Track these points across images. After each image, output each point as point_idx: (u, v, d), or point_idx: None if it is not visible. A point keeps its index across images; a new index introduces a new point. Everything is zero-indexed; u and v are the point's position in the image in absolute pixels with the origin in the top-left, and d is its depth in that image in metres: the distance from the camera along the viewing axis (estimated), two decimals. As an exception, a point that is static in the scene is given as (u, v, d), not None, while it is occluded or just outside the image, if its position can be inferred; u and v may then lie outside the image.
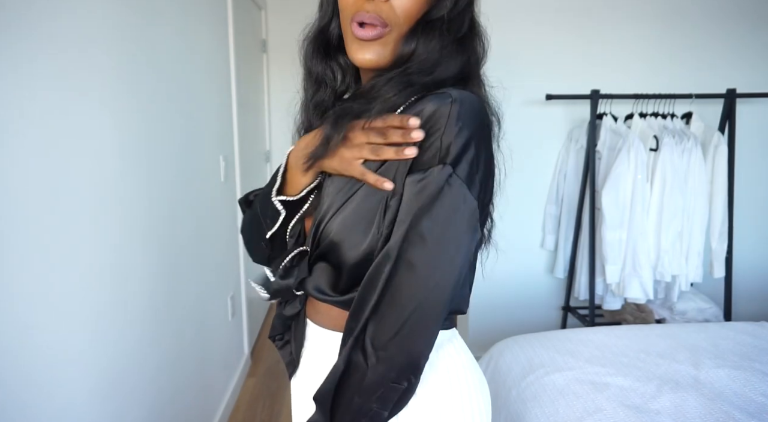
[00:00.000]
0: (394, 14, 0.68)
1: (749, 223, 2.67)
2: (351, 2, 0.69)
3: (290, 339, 0.85)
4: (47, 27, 0.99)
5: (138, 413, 1.38)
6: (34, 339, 0.95)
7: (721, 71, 2.50)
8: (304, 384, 0.83)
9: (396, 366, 0.65)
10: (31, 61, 0.94)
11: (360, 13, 0.67)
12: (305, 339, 0.82)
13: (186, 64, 1.78)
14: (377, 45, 0.69)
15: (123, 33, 1.30)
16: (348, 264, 0.69)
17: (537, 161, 2.56)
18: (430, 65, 0.69)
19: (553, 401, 1.44)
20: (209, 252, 2.04)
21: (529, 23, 2.41)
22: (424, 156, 0.65)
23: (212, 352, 2.07)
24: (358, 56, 0.71)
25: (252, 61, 2.98)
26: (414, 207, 0.64)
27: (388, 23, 0.68)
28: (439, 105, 0.65)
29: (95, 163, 1.16)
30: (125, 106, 1.31)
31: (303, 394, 0.83)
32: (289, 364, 0.85)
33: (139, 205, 1.39)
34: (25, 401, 0.93)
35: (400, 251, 0.64)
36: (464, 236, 0.65)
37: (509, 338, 1.87)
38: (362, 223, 0.68)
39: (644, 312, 2.45)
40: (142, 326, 1.41)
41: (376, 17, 0.67)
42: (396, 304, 0.64)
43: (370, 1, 0.67)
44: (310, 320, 0.81)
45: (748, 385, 1.50)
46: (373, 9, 0.67)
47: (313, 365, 0.80)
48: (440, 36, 0.70)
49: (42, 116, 0.97)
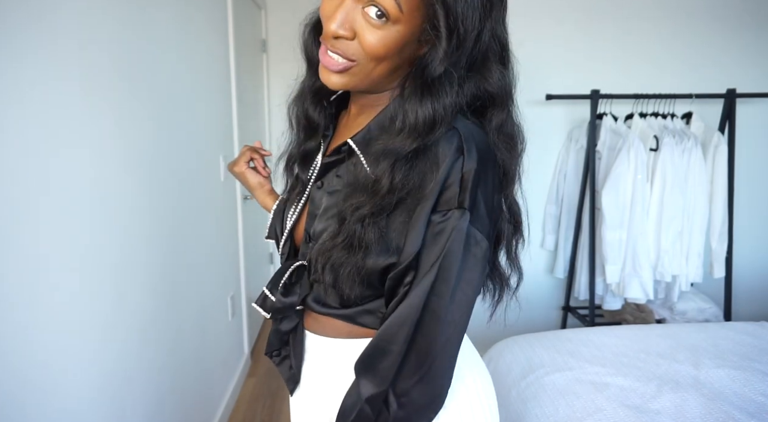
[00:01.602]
0: (361, 53, 0.65)
1: (749, 223, 2.67)
2: (326, 29, 0.65)
3: (289, 354, 0.84)
4: (45, 26, 0.99)
5: (138, 413, 1.38)
6: (34, 340, 0.95)
7: (721, 71, 2.50)
8: (307, 397, 0.82)
9: (419, 409, 0.66)
10: (31, 60, 0.94)
11: (330, 42, 0.66)
12: (305, 351, 0.82)
13: (186, 64, 1.78)
14: (345, 75, 0.67)
15: (122, 33, 1.30)
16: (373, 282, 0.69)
17: (537, 161, 2.56)
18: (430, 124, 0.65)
19: (553, 401, 1.44)
20: (209, 252, 2.04)
21: (529, 23, 2.41)
22: (443, 197, 0.65)
23: (212, 352, 2.07)
24: (324, 78, 0.69)
25: (252, 61, 2.98)
26: (436, 253, 0.64)
27: (354, 59, 0.66)
28: (449, 147, 0.65)
29: (95, 163, 1.16)
30: (125, 106, 1.31)
31: (307, 408, 0.82)
32: (289, 380, 0.84)
33: (139, 205, 1.39)
34: (25, 401, 0.93)
35: (426, 302, 0.64)
36: (479, 276, 0.67)
37: (509, 338, 1.87)
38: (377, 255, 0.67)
39: (644, 312, 2.45)
40: (142, 326, 1.41)
41: (342, 52, 0.65)
42: (420, 353, 0.65)
43: (337, 40, 0.65)
44: (309, 331, 0.80)
45: (748, 385, 1.50)
46: (339, 46, 0.65)
47: (316, 376, 0.80)
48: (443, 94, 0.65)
49: (42, 116, 0.97)
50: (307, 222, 0.77)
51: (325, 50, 0.67)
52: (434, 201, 0.64)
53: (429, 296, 0.64)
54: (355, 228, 0.65)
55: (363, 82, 0.68)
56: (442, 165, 0.64)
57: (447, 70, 0.64)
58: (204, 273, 1.97)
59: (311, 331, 0.79)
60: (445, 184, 0.64)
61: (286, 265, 0.76)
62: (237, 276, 2.54)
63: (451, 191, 0.64)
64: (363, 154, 0.70)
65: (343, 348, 0.75)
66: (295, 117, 0.82)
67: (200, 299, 1.92)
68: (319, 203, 0.74)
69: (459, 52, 0.64)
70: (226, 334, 2.29)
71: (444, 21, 0.61)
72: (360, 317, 0.73)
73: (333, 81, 0.68)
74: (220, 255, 2.22)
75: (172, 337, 1.64)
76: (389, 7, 0.61)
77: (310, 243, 0.74)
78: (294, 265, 0.75)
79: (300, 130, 0.83)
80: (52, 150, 1.00)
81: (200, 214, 1.93)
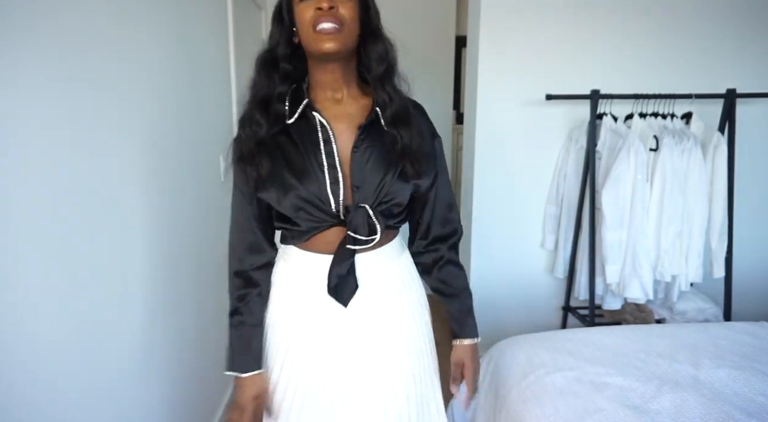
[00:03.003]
0: (344, 17, 0.94)
1: (749, 223, 2.67)
2: (309, 16, 0.93)
3: (346, 279, 1.01)
4: (45, 26, 0.99)
5: (138, 413, 1.38)
6: (34, 340, 0.96)
7: (721, 71, 2.50)
8: (365, 297, 1.04)
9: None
10: (31, 61, 0.94)
11: (319, 20, 0.93)
12: (357, 266, 1.03)
13: (186, 64, 1.78)
14: (337, 37, 0.94)
15: (122, 33, 1.30)
16: (403, 205, 1.05)
17: (537, 161, 2.56)
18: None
19: (553, 401, 1.44)
20: (209, 252, 2.04)
21: (529, 23, 2.41)
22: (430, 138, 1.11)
23: (212, 352, 2.07)
24: (325, 46, 0.94)
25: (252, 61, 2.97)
26: (444, 163, 1.14)
27: (340, 23, 0.94)
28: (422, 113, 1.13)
29: (94, 164, 1.16)
30: (125, 106, 1.31)
31: (365, 305, 1.04)
32: (348, 296, 1.02)
33: (139, 205, 1.39)
34: (26, 401, 0.94)
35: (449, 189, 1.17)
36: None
37: (509, 338, 1.87)
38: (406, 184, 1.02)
39: (644, 312, 2.45)
40: (142, 326, 1.41)
41: (333, 19, 0.93)
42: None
43: (327, 12, 0.92)
44: (358, 254, 1.02)
45: (747, 385, 1.50)
46: (329, 16, 0.92)
47: (372, 280, 1.04)
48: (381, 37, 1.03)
49: (41, 116, 0.97)
50: (354, 177, 0.99)
51: (317, 29, 0.93)
52: (432, 138, 1.11)
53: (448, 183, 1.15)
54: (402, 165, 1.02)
55: (345, 44, 0.96)
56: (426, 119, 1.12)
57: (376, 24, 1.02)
58: (204, 274, 1.97)
59: (360, 254, 1.03)
60: (431, 127, 1.12)
61: (361, 213, 0.98)
62: (237, 277, 2.54)
63: (433, 129, 1.13)
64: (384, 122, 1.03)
65: (380, 253, 1.05)
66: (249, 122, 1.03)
67: (200, 299, 1.92)
68: (362, 160, 1.00)
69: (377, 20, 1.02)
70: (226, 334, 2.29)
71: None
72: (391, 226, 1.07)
73: (329, 46, 0.94)
74: (220, 256, 2.22)
75: (173, 338, 1.64)
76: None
77: (358, 190, 0.99)
78: (368, 211, 0.98)
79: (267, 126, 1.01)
80: (52, 150, 1.00)
81: (200, 215, 1.93)
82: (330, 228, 1.01)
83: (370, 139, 1.01)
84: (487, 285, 2.65)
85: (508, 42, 2.42)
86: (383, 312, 1.05)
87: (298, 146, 0.99)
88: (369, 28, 1.00)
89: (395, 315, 1.07)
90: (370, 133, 1.01)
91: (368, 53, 1.01)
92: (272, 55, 1.02)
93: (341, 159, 0.99)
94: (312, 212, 0.99)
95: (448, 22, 3.46)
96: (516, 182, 2.57)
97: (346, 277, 1.00)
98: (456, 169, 3.78)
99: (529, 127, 2.51)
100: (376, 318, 1.04)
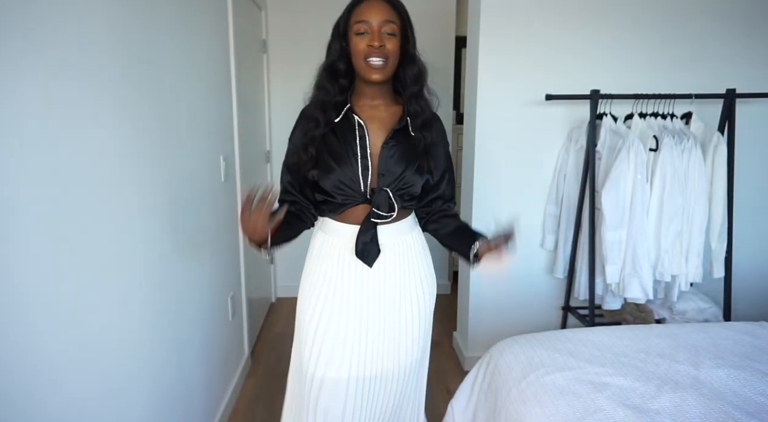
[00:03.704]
0: (389, 52, 1.23)
1: (749, 223, 2.67)
2: (363, 51, 1.23)
3: (371, 244, 1.30)
4: (46, 26, 0.99)
5: (138, 413, 1.38)
6: (34, 339, 0.96)
7: (720, 71, 2.50)
8: (386, 259, 1.33)
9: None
10: (32, 60, 0.94)
11: (370, 54, 1.22)
12: (378, 236, 1.31)
13: (186, 64, 1.78)
14: (383, 70, 1.24)
15: (123, 33, 1.30)
16: (417, 192, 1.33)
17: (537, 161, 2.56)
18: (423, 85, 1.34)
19: (553, 401, 1.44)
20: (209, 252, 2.04)
21: (529, 23, 2.41)
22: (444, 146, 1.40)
23: (212, 352, 2.07)
24: (373, 76, 1.24)
25: (252, 61, 2.98)
26: (452, 164, 1.45)
27: (387, 58, 1.23)
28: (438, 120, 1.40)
29: (95, 163, 1.16)
30: (125, 106, 1.31)
31: (386, 266, 1.33)
32: (372, 258, 1.30)
33: (140, 205, 1.39)
34: (26, 401, 0.94)
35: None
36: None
37: (509, 338, 1.87)
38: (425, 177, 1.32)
39: (644, 312, 2.45)
40: (142, 326, 1.41)
41: (381, 54, 1.22)
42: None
43: (377, 50, 1.22)
44: (380, 226, 1.31)
45: (747, 385, 1.50)
46: (379, 53, 1.22)
47: (390, 247, 1.34)
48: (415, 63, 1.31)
49: (42, 116, 0.97)
50: (380, 166, 1.27)
51: (368, 62, 1.23)
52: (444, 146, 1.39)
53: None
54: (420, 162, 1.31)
55: (389, 74, 1.26)
56: (443, 131, 1.40)
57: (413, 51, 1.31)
58: (204, 274, 1.97)
59: (382, 225, 1.31)
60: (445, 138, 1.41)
61: (383, 195, 1.27)
62: (237, 276, 2.54)
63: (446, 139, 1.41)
64: (413, 129, 1.31)
65: (398, 227, 1.34)
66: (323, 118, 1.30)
67: (200, 299, 1.92)
68: (388, 155, 1.28)
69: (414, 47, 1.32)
70: (226, 334, 2.29)
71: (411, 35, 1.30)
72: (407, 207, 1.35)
73: (377, 77, 1.24)
74: (220, 256, 2.22)
75: (172, 337, 1.64)
76: (395, 28, 1.25)
77: (383, 177, 1.27)
78: (389, 193, 1.27)
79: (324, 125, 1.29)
80: (52, 150, 1.00)
81: (201, 214, 1.93)
82: (359, 204, 1.30)
83: (397, 140, 1.29)
84: (487, 284, 2.65)
85: (508, 42, 2.42)
86: (400, 272, 1.35)
87: (340, 139, 1.29)
88: (407, 56, 1.28)
89: (410, 276, 1.37)
90: (398, 135, 1.30)
91: (405, 74, 1.29)
92: (333, 68, 1.29)
93: (372, 152, 1.28)
94: (346, 191, 1.28)
95: (448, 22, 3.46)
96: (516, 182, 2.57)
97: (370, 244, 1.29)
98: (456, 169, 3.78)
99: (528, 127, 2.51)
100: (394, 277, 1.35)
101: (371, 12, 1.22)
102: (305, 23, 3.30)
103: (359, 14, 1.23)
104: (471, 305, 2.67)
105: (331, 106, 1.29)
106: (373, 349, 1.35)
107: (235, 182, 2.50)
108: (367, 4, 1.23)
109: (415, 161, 1.29)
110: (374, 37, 1.21)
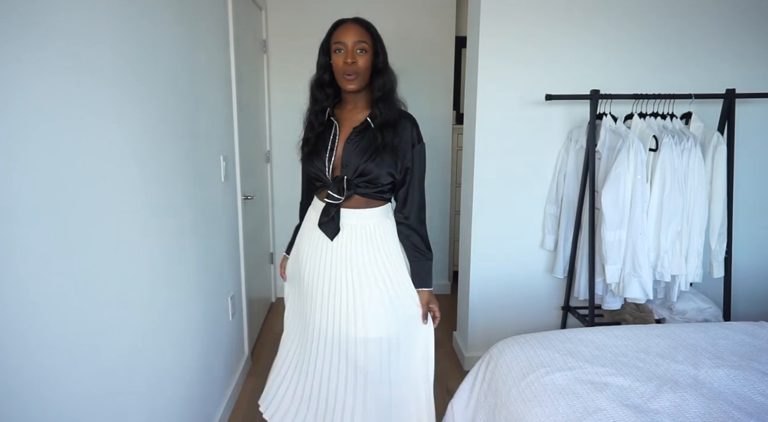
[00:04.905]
0: (360, 68, 1.48)
1: (748, 223, 2.68)
2: (340, 67, 1.49)
3: (332, 220, 1.56)
4: (47, 25, 0.99)
5: (139, 413, 1.38)
6: (34, 339, 0.96)
7: (720, 71, 2.51)
8: (344, 238, 1.56)
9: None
10: (32, 60, 0.94)
11: (346, 71, 1.48)
12: (341, 217, 1.56)
13: (186, 65, 1.78)
14: (355, 81, 1.50)
15: (123, 34, 1.30)
16: (380, 182, 1.53)
17: (537, 161, 2.56)
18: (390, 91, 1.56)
19: (553, 401, 1.44)
20: (209, 252, 2.04)
21: (529, 23, 2.41)
22: (410, 141, 1.56)
23: (212, 352, 2.07)
24: (348, 87, 1.51)
25: (252, 61, 2.98)
26: (421, 166, 1.59)
27: (357, 73, 1.49)
28: (409, 121, 1.58)
29: (96, 163, 1.16)
30: (126, 106, 1.31)
31: (344, 243, 1.56)
32: (333, 232, 1.56)
33: (140, 205, 1.39)
34: (26, 401, 0.94)
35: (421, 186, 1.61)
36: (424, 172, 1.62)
37: (509, 338, 1.87)
38: (385, 168, 1.52)
39: (644, 312, 2.45)
40: (142, 326, 1.41)
41: (353, 69, 1.48)
42: (424, 208, 1.65)
43: (349, 66, 1.47)
44: (342, 208, 1.56)
45: (747, 385, 1.50)
46: (351, 69, 1.48)
47: (348, 227, 1.56)
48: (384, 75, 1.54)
49: (43, 116, 0.97)
50: (343, 158, 1.52)
51: (345, 76, 1.49)
52: (412, 142, 1.56)
53: (421, 182, 1.60)
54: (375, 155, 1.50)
55: (361, 85, 1.52)
56: (411, 128, 1.57)
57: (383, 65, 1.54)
58: (204, 273, 1.97)
59: (344, 207, 1.55)
60: (414, 135, 1.56)
61: (337, 181, 1.51)
62: (237, 276, 2.54)
63: (417, 137, 1.57)
64: (373, 126, 1.53)
65: (362, 212, 1.56)
66: (316, 121, 1.60)
67: (200, 299, 1.93)
68: (351, 148, 1.52)
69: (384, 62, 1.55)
70: (226, 334, 2.29)
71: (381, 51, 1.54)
72: (372, 197, 1.55)
73: (351, 87, 1.51)
74: (220, 256, 2.22)
75: (172, 337, 1.64)
76: (365, 46, 1.49)
77: (346, 167, 1.52)
78: (343, 179, 1.51)
79: (317, 125, 1.59)
80: (52, 150, 1.00)
81: (200, 214, 1.93)
82: (327, 187, 1.55)
83: (360, 137, 1.53)
84: (487, 285, 2.66)
85: (508, 42, 2.42)
86: (360, 251, 1.56)
87: (320, 138, 1.57)
88: (376, 69, 1.52)
89: (371, 258, 1.56)
90: (361, 133, 1.53)
91: (373, 83, 1.53)
92: (321, 81, 1.57)
93: (338, 146, 1.54)
94: (319, 177, 1.56)
95: (448, 22, 3.46)
96: (516, 182, 2.57)
97: (330, 221, 1.55)
98: (456, 169, 3.78)
99: (528, 127, 2.51)
100: (354, 253, 1.56)
101: (347, 34, 1.47)
102: (305, 23, 3.31)
103: (337, 36, 1.49)
104: (471, 305, 2.67)
105: (321, 110, 1.59)
106: (332, 309, 1.58)
107: (235, 182, 2.50)
108: (343, 27, 1.49)
109: (373, 153, 1.49)
110: (348, 54, 1.46)
